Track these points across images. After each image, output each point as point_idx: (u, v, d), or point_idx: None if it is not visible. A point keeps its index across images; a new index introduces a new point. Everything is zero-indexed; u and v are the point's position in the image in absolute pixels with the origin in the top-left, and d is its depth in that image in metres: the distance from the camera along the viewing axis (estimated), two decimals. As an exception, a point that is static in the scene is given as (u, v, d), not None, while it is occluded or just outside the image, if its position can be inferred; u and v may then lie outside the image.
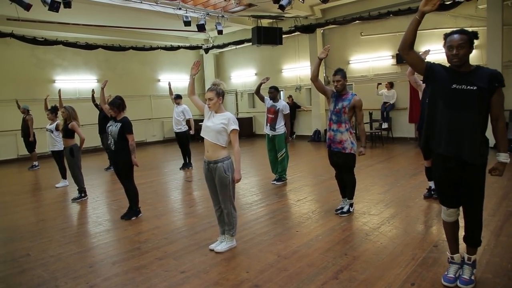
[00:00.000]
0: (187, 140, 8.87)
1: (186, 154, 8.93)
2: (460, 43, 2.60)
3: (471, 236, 2.88)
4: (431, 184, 5.24)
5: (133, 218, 5.14)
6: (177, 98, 8.90)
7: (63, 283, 3.29)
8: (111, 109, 5.03)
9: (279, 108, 6.60)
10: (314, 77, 4.69)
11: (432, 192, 5.24)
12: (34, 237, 4.58)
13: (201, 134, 3.74)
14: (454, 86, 2.67)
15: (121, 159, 5.07)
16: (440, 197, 2.99)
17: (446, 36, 2.70)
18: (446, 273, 2.99)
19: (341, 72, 4.60)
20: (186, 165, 8.92)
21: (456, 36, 2.63)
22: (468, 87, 2.63)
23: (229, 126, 3.62)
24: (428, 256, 3.41)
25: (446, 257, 3.13)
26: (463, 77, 2.65)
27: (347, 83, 4.97)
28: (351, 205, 4.87)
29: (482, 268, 3.10)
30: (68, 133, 6.43)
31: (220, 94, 3.68)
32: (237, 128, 3.66)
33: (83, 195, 6.40)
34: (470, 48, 2.64)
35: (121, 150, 5.02)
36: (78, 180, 6.41)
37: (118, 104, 5.01)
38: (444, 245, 3.09)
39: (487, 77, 2.61)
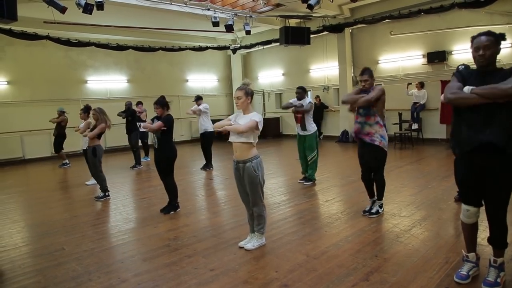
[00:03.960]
0: (210, 141, 8.80)
1: (207, 155, 8.89)
2: (486, 44, 2.63)
3: (495, 237, 2.80)
4: None
5: (172, 212, 5.30)
6: (198, 99, 8.84)
7: (96, 277, 3.38)
8: (156, 108, 5.19)
9: (303, 105, 6.54)
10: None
11: None
12: (68, 232, 4.73)
13: (230, 139, 3.74)
14: None
15: (165, 155, 5.26)
16: (463, 195, 2.96)
17: (473, 38, 2.73)
18: (459, 270, 2.96)
19: (368, 71, 4.54)
20: (207, 166, 8.92)
21: (483, 37, 2.66)
22: None
23: (252, 117, 3.61)
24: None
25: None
26: (487, 79, 2.63)
27: (376, 83, 4.86)
28: (380, 206, 4.76)
29: (520, 274, 2.98)
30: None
31: (249, 93, 3.68)
32: (258, 121, 3.59)
33: (107, 194, 6.44)
34: (497, 49, 2.66)
35: (166, 144, 5.21)
36: (100, 179, 6.43)
37: (163, 103, 5.20)
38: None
39: (509, 74, 2.57)
